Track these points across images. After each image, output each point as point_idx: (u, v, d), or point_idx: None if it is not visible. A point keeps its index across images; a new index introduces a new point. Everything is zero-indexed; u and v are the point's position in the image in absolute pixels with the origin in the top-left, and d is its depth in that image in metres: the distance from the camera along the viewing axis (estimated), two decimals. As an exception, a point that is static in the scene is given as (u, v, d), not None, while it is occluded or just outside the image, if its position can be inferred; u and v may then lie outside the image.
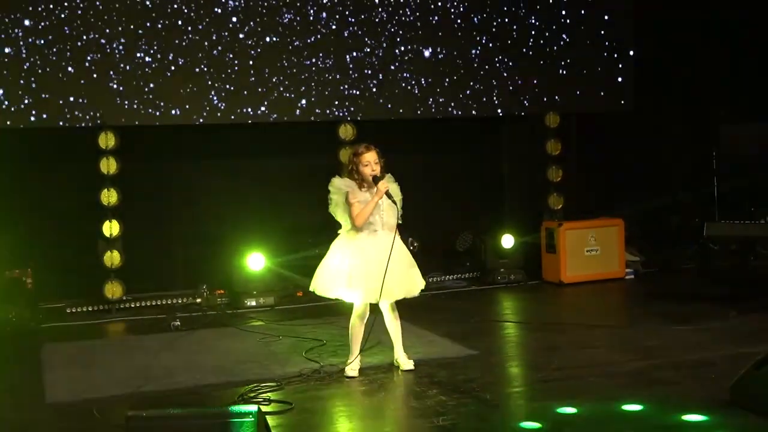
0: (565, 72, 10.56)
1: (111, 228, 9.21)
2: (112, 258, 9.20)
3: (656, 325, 7.76)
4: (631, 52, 10.75)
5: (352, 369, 6.32)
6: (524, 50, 10.41)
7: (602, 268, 9.97)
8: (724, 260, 9.41)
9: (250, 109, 9.50)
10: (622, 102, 10.78)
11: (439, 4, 10.05)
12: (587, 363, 6.67)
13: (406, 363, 6.42)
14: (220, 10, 9.33)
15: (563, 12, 10.51)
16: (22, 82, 8.95)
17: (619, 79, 10.74)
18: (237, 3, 9.50)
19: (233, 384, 6.21)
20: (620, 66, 10.72)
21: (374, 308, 6.42)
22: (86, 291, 9.45)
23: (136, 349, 7.63)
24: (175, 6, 9.23)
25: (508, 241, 10.04)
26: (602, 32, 10.72)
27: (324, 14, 9.68)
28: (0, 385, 6.54)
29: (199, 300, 9.33)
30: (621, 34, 10.75)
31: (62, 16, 8.95)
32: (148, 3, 9.21)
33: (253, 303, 9.08)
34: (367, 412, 5.78)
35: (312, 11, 9.66)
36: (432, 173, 10.65)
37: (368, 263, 6.22)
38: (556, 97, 10.49)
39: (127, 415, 3.89)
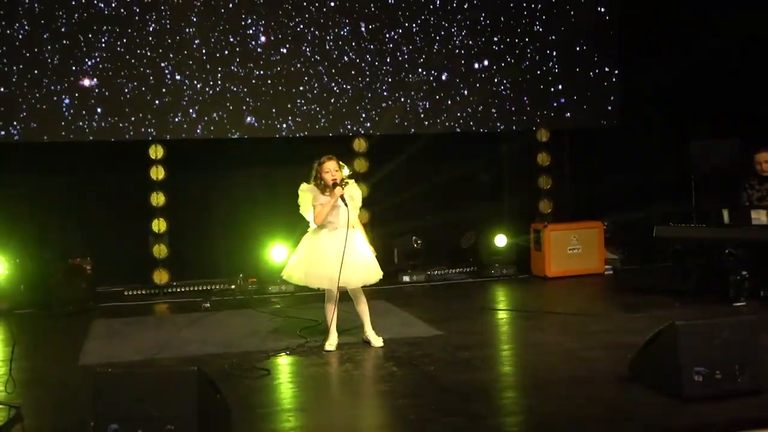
0: (557, 89, 10.52)
1: (159, 225, 9.63)
2: (160, 250, 9.63)
3: (611, 313, 7.95)
4: (617, 71, 10.65)
5: (330, 344, 6.69)
6: (519, 73, 10.38)
7: (583, 264, 10.12)
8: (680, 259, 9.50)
9: (277, 124, 9.69)
10: (608, 118, 10.69)
11: (442, 33, 10.11)
12: (532, 343, 6.98)
13: (375, 340, 6.77)
14: (253, 42, 9.56)
15: (552, 37, 10.43)
16: (92, 101, 9.27)
17: (609, 97, 10.66)
18: (268, 38, 9.64)
19: (230, 354, 6.59)
20: (605, 84, 10.63)
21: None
22: (139, 277, 9.76)
23: (166, 324, 8.06)
24: (214, 37, 9.47)
25: (501, 240, 10.27)
26: (591, 57, 10.62)
27: (341, 42, 9.82)
28: (48, 350, 7.11)
29: (233, 286, 9.50)
30: (608, 57, 10.65)
31: (119, 48, 9.26)
32: (191, 31, 9.43)
33: (276, 289, 9.36)
34: (327, 379, 6.14)
35: (330, 39, 9.79)
36: (439, 181, 10.68)
37: (326, 256, 6.54)
38: (552, 114, 10.50)
39: (96, 371, 4.46)
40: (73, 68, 9.20)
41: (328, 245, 6.60)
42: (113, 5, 9.23)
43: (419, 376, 5.96)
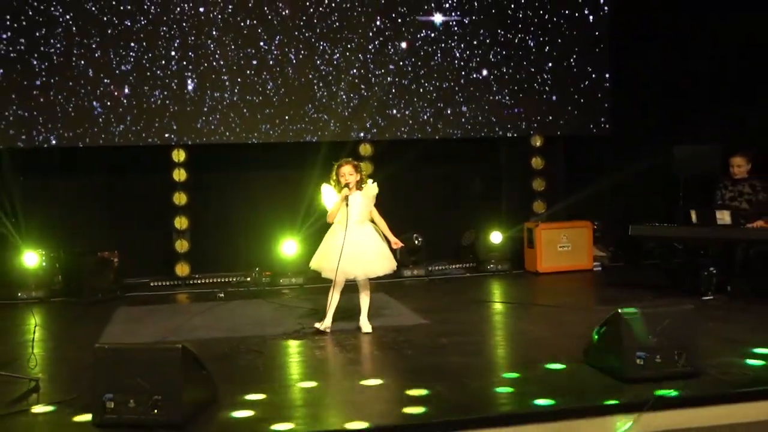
0: (551, 99, 10.68)
1: (181, 222, 9.98)
2: (182, 245, 10.00)
3: (590, 306, 8.14)
4: (607, 84, 10.78)
5: (322, 325, 6.98)
6: (516, 83, 10.57)
7: (572, 261, 10.24)
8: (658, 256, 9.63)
9: (290, 131, 9.99)
10: (599, 126, 10.82)
11: (443, 45, 10.33)
12: (506, 332, 7.24)
13: (365, 327, 7.03)
14: (267, 55, 9.87)
15: (547, 49, 10.59)
16: (121, 110, 9.64)
17: (600, 106, 10.80)
18: (282, 51, 9.93)
19: (232, 338, 6.91)
20: (596, 94, 10.76)
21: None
22: (163, 270, 10.11)
23: (181, 312, 8.35)
24: (232, 51, 9.79)
25: (496, 237, 10.45)
26: (583, 68, 10.75)
27: (348, 54, 10.06)
28: (73, 334, 7.49)
29: (248, 278, 9.77)
30: (599, 69, 10.76)
31: (145, 61, 9.62)
32: (211, 45, 9.75)
33: (287, 281, 9.63)
34: (312, 359, 6.35)
35: (338, 52, 10.05)
36: (443, 183, 10.99)
37: (333, 249, 6.83)
38: (546, 121, 10.66)
39: (95, 347, 4.81)
40: (105, 80, 9.59)
41: (336, 240, 6.89)
42: (141, 23, 9.61)
43: (395, 358, 6.24)
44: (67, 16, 9.48)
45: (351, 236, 6.86)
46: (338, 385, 5.69)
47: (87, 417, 4.78)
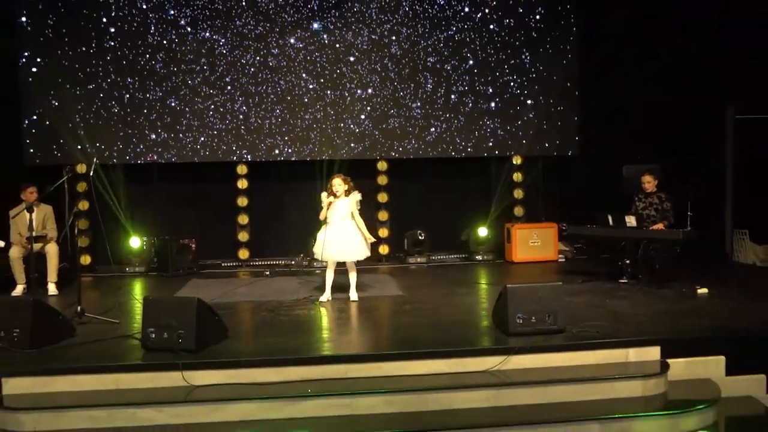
0: (529, 126, 11.26)
1: (243, 219, 11.04)
2: (243, 236, 11.04)
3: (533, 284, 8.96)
4: (576, 117, 11.36)
5: (324, 297, 7.99)
6: (503, 116, 11.25)
7: (541, 253, 11.03)
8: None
9: (324, 153, 10.85)
10: (567, 149, 11.40)
11: (444, 83, 11.05)
12: (457, 303, 7.86)
13: (353, 296, 7.98)
14: (304, 90, 10.78)
15: (527, 90, 11.22)
16: (197, 134, 10.68)
17: (569, 132, 11.36)
18: (318, 83, 10.80)
19: (259, 302, 7.97)
20: (567, 123, 11.35)
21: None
22: (229, 254, 11.09)
23: (232, 284, 9.28)
24: (280, 86, 10.75)
25: (483, 232, 11.32)
26: (557, 104, 11.32)
27: (374, 94, 10.93)
28: (155, 294, 8.66)
29: (293, 262, 10.72)
30: (569, 105, 11.33)
31: (219, 96, 10.70)
32: (268, 79, 10.72)
33: (320, 265, 10.17)
34: (307, 318, 7.24)
35: (361, 91, 10.90)
36: (445, 192, 11.60)
37: (324, 239, 7.81)
38: (523, 143, 11.26)
39: (144, 297, 6.27)
40: (187, 112, 10.77)
41: (328, 232, 7.81)
42: (219, 71, 10.77)
43: (364, 317, 7.33)
44: (161, 67, 10.78)
45: (333, 230, 7.73)
46: (322, 334, 6.74)
47: (138, 343, 6.21)
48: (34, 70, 10.63)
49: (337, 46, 11.05)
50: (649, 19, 11.09)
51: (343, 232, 7.84)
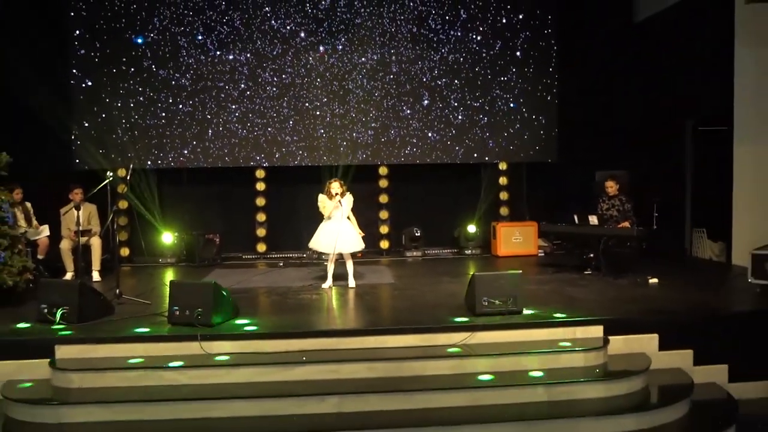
0: (514, 135, 11.68)
1: (260, 216, 11.56)
2: (261, 231, 11.57)
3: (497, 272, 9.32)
4: (556, 130, 11.75)
5: (327, 284, 8.54)
6: (490, 127, 11.67)
7: (523, 248, 11.46)
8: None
9: (332, 159, 11.33)
10: (546, 156, 11.76)
11: (437, 92, 11.46)
12: (439, 289, 8.29)
13: (351, 284, 8.50)
14: (314, 106, 11.29)
15: (512, 104, 11.62)
16: (221, 142, 11.25)
17: (551, 141, 11.73)
18: (329, 98, 11.23)
19: (270, 287, 8.58)
20: (547, 133, 11.74)
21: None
22: (248, 247, 11.57)
23: (249, 273, 9.82)
24: (293, 103, 11.26)
25: (472, 229, 11.79)
26: (538, 116, 11.71)
27: (372, 103, 11.34)
28: (178, 279, 9.30)
29: (305, 255, 11.04)
30: (549, 116, 11.73)
31: (242, 107, 11.24)
32: (281, 90, 11.13)
33: (328, 257, 11.14)
34: (309, 300, 7.74)
35: (360, 103, 11.32)
36: (441, 194, 11.96)
37: (326, 233, 8.33)
38: (509, 151, 11.68)
39: (171, 281, 7.01)
40: (213, 123, 11.35)
41: (328, 228, 8.38)
42: (241, 87, 11.36)
43: (358, 301, 7.90)
44: (189, 84, 11.41)
45: (332, 226, 8.17)
46: (319, 313, 7.36)
47: (165, 319, 6.95)
48: (83, 85, 11.38)
49: (345, 65, 11.58)
50: (623, 44, 11.58)
51: (341, 228, 8.39)
